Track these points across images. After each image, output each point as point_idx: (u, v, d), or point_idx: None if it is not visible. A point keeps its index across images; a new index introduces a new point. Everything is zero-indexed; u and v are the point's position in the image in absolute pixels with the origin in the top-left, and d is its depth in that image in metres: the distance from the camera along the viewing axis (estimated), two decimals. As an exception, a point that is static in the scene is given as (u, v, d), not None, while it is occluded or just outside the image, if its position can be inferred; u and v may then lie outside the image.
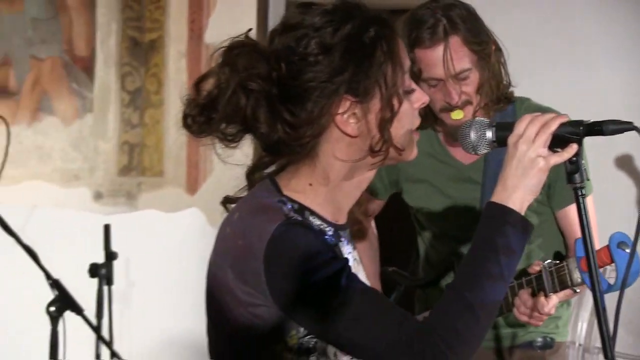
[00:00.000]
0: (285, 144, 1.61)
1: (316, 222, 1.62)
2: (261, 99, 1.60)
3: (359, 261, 1.78)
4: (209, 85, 1.64)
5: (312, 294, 1.53)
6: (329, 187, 1.64)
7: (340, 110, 1.61)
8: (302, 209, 1.61)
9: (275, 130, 1.60)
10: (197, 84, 1.60)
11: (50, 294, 3.12)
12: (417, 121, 1.73)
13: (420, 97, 1.64)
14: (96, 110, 5.31)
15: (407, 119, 1.66)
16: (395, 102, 1.60)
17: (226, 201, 1.69)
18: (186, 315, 5.45)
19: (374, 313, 1.57)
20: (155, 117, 5.57)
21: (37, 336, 4.56)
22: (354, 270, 1.72)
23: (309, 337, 1.58)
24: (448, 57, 2.47)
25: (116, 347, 3.52)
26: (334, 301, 1.53)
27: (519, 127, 1.67)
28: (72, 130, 5.18)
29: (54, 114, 5.14)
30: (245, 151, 1.79)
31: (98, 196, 5.30)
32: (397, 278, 2.83)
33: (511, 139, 1.66)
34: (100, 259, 3.84)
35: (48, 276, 3.11)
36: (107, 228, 3.89)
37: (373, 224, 2.94)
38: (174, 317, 5.33)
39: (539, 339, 2.81)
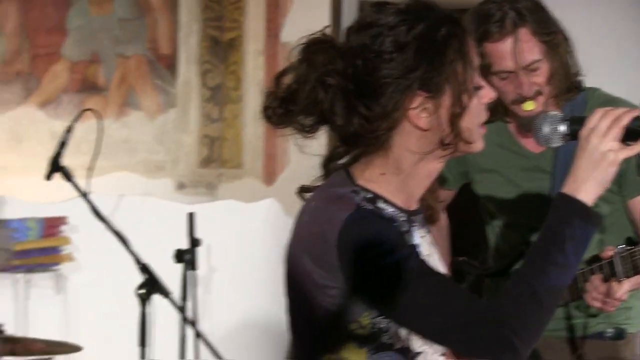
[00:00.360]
0: (361, 136, 1.66)
1: (389, 209, 1.67)
2: (338, 93, 1.65)
3: (434, 244, 1.86)
4: (288, 79, 1.70)
5: (382, 278, 1.58)
6: (401, 176, 1.69)
7: (413, 105, 1.67)
8: (374, 197, 1.66)
9: (351, 123, 1.64)
10: (278, 78, 1.68)
11: (139, 278, 3.23)
12: (484, 115, 1.81)
13: (487, 93, 1.71)
14: (179, 105, 5.45)
15: (475, 113, 1.71)
16: (465, 98, 1.67)
17: (302, 190, 1.75)
18: (263, 298, 5.59)
19: (442, 296, 1.62)
20: (234, 112, 5.69)
21: (126, 317, 4.73)
22: (428, 252, 1.80)
23: (380, 317, 1.63)
24: (518, 49, 2.50)
25: (199, 328, 3.62)
26: (403, 284, 1.58)
27: (592, 121, 1.69)
28: (157, 124, 5.34)
29: (139, 108, 5.28)
30: (320, 142, 1.87)
31: (180, 186, 5.44)
32: (467, 268, 2.88)
33: (583, 132, 1.69)
34: (182, 245, 3.93)
35: (137, 261, 3.22)
36: (191, 216, 4.02)
37: (444, 215, 2.98)
38: (252, 299, 5.47)
39: (610, 330, 2.79)
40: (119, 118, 5.12)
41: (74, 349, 3.17)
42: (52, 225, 4.34)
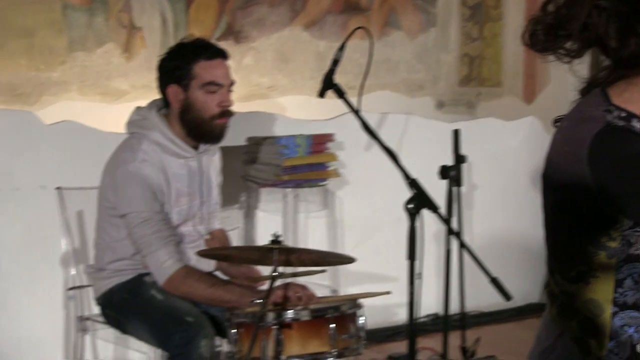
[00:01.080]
0: (637, 57, 1.61)
1: None
2: (613, 16, 1.61)
3: None
4: (551, 6, 1.67)
5: (635, 189, 1.56)
6: None
7: None
8: (629, 116, 1.63)
9: (627, 45, 1.61)
10: (545, 4, 1.67)
11: (403, 193, 3.12)
12: None
13: None
14: (439, 25, 5.32)
15: None
16: None
17: (557, 122, 1.76)
18: (521, 215, 5.42)
19: None
20: (493, 31, 5.50)
21: (392, 231, 4.64)
22: None
23: (630, 230, 1.61)
24: None
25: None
26: None
27: None
28: (417, 44, 5.36)
29: (400, 28, 5.21)
30: (582, 60, 1.71)
31: (440, 105, 5.38)
32: None
33: None
34: (443, 162, 3.84)
35: (406, 176, 3.11)
36: (456, 133, 4.02)
37: None
38: (511, 216, 5.37)
39: None
40: (381, 38, 5.15)
41: (347, 260, 3.12)
42: (319, 142, 4.36)
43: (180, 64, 3.28)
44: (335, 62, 3.28)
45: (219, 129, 3.32)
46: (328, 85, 3.26)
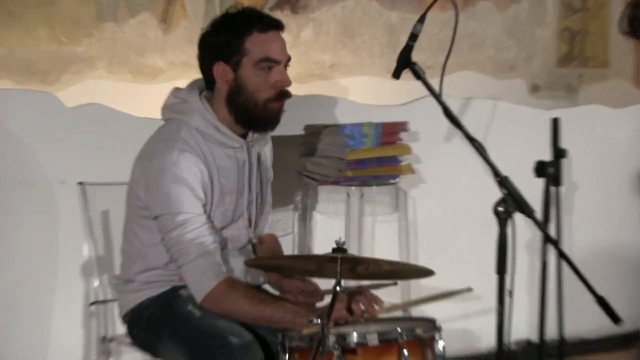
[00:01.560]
0: None
1: None
2: None
3: None
4: None
5: None
6: None
7: None
8: None
9: None
10: None
11: (493, 193, 3.00)
12: None
13: None
14: (541, -6, 5.23)
15: None
16: None
17: None
18: (629, 223, 5.22)
19: None
20: (599, 0, 5.32)
21: (478, 240, 4.51)
22: None
23: None
24: None
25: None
26: None
27: None
28: (508, 16, 5.41)
29: (488, -3, 5.14)
30: None
31: (534, 88, 5.32)
32: None
33: None
34: (538, 157, 4.00)
35: (496, 173, 2.99)
36: (555, 123, 3.94)
37: None
38: (616, 223, 5.16)
39: None
40: (464, 8, 5.15)
41: (424, 272, 3.01)
42: (390, 132, 4.30)
43: (229, 39, 3.22)
44: (414, 37, 3.19)
45: (274, 113, 3.26)
46: (405, 63, 3.18)
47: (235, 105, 3.25)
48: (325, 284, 3.31)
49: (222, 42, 3.24)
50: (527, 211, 2.97)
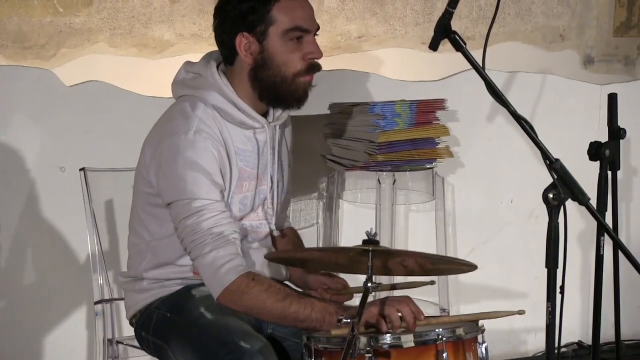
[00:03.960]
0: None
1: None
2: None
3: None
4: None
5: None
6: None
7: None
8: None
9: None
10: None
11: (544, 179, 3.04)
12: None
13: None
14: (588, -48, 5.24)
15: None
16: None
17: None
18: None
19: None
20: (662, -40, 5.41)
21: (525, 231, 4.56)
22: None
23: None
24: None
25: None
26: None
27: None
28: None
29: (535, -43, 5.17)
30: None
31: (588, 61, 5.28)
32: None
33: None
34: (592, 138, 4.00)
35: (546, 156, 3.04)
36: (612, 99, 3.95)
37: None
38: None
39: None
40: None
41: (466, 267, 3.06)
42: (426, 110, 4.34)
43: (254, 6, 3.24)
44: (454, 3, 3.23)
45: (303, 88, 3.30)
46: (444, 33, 3.21)
47: (260, 80, 3.28)
48: (354, 280, 3.39)
49: (245, 10, 3.25)
50: (580, 198, 3.01)
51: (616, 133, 3.99)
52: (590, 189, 3.51)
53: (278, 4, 3.23)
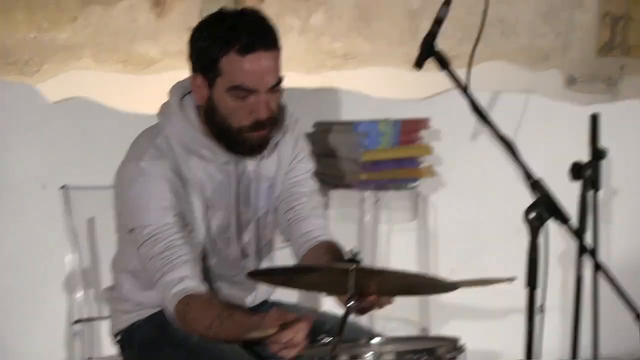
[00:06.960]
0: None
1: None
2: None
3: None
4: None
5: None
6: None
7: None
8: None
9: None
10: None
11: (523, 198, 3.05)
12: None
13: None
14: (572, -27, 5.27)
15: None
16: None
17: None
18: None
19: None
20: (644, -18, 5.42)
21: (505, 249, 4.58)
22: None
23: None
24: None
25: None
26: None
27: None
28: None
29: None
30: None
31: (571, 81, 5.28)
32: None
33: None
34: (574, 158, 4.10)
35: (528, 175, 3.04)
36: (594, 119, 4.00)
37: None
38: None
39: None
40: None
41: (448, 286, 3.06)
42: (410, 130, 4.36)
43: (207, 50, 3.10)
44: (439, 22, 3.22)
45: (253, 142, 3.16)
46: (429, 52, 3.20)
47: (212, 123, 3.16)
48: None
49: (200, 51, 3.13)
50: (561, 218, 3.01)
51: (598, 153, 4.01)
52: (572, 209, 3.52)
53: (227, 56, 3.05)
